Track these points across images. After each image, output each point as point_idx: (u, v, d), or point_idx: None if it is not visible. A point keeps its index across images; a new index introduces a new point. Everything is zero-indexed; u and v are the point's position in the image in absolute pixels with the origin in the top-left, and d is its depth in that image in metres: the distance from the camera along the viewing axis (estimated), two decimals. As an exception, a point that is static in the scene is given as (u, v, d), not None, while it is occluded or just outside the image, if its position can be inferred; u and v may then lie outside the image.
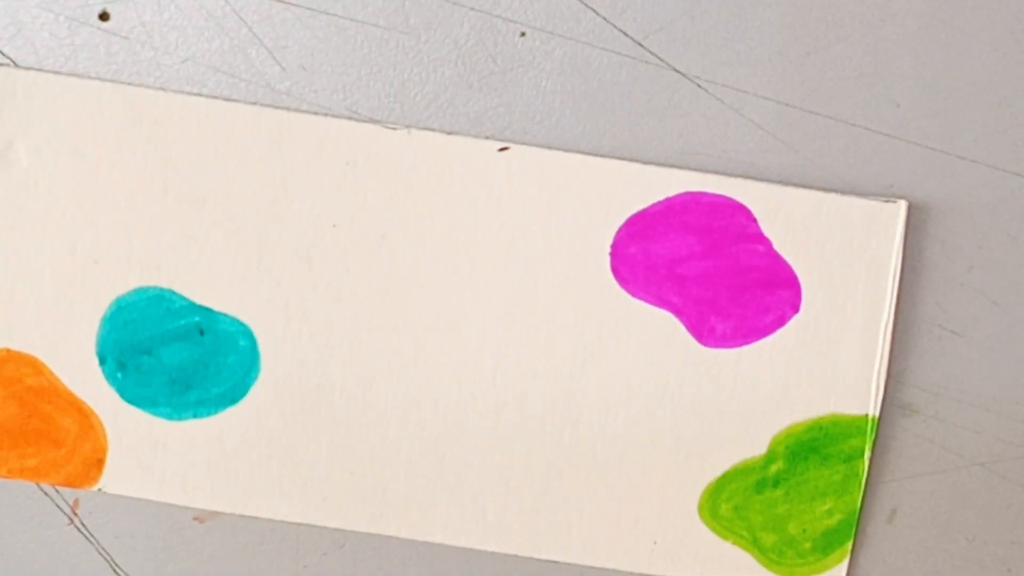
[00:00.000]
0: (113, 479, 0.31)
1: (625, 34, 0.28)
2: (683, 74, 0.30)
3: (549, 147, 0.30)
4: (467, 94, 0.29)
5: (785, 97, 0.30)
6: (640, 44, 0.30)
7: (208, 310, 0.30)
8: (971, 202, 0.31)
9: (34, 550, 0.31)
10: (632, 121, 0.30)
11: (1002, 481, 0.31)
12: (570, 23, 0.30)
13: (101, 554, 0.31)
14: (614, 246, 0.30)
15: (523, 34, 0.30)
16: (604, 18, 0.30)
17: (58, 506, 0.31)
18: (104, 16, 0.30)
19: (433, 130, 0.30)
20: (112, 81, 0.30)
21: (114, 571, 0.31)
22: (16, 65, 0.29)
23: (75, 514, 0.31)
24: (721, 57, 0.30)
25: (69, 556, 0.31)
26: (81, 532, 0.31)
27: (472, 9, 0.30)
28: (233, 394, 0.30)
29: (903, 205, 0.30)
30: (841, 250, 0.30)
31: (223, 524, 0.31)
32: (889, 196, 0.30)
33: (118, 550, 0.31)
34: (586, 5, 0.30)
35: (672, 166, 0.30)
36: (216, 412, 0.30)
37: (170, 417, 0.30)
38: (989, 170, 0.31)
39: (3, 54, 0.29)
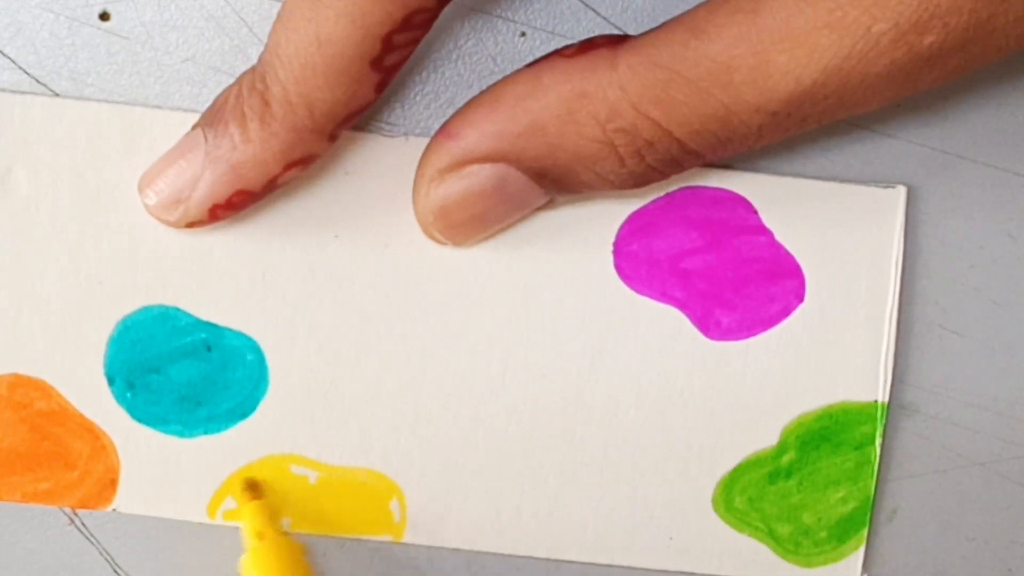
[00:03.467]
0: (127, 499, 0.30)
1: (625, 34, 0.28)
2: (679, 71, 0.30)
3: (549, 148, 0.30)
4: (467, 94, 0.29)
5: (782, 90, 0.30)
6: (637, 43, 0.30)
7: (214, 326, 0.30)
8: (971, 202, 0.31)
9: (34, 550, 0.31)
10: (630, 119, 0.30)
11: (1002, 481, 0.32)
12: (570, 23, 0.30)
13: (102, 554, 0.31)
14: (616, 244, 0.30)
15: (523, 34, 0.30)
16: (604, 18, 0.30)
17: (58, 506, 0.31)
18: (104, 16, 0.29)
19: (430, 136, 0.30)
20: (108, 102, 0.30)
21: (115, 571, 0.31)
22: (16, 65, 0.29)
23: (75, 514, 0.31)
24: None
25: (69, 556, 0.31)
26: (81, 532, 0.31)
27: (472, 9, 0.30)
28: (243, 408, 0.30)
29: (902, 190, 0.30)
30: (843, 238, 0.31)
31: (223, 524, 0.31)
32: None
33: (118, 550, 0.31)
34: (586, 5, 0.30)
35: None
36: (227, 427, 0.30)
37: (181, 434, 0.30)
38: (989, 170, 0.31)
39: (3, 54, 0.29)
